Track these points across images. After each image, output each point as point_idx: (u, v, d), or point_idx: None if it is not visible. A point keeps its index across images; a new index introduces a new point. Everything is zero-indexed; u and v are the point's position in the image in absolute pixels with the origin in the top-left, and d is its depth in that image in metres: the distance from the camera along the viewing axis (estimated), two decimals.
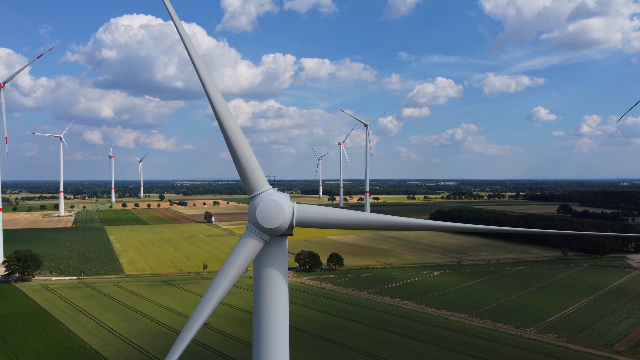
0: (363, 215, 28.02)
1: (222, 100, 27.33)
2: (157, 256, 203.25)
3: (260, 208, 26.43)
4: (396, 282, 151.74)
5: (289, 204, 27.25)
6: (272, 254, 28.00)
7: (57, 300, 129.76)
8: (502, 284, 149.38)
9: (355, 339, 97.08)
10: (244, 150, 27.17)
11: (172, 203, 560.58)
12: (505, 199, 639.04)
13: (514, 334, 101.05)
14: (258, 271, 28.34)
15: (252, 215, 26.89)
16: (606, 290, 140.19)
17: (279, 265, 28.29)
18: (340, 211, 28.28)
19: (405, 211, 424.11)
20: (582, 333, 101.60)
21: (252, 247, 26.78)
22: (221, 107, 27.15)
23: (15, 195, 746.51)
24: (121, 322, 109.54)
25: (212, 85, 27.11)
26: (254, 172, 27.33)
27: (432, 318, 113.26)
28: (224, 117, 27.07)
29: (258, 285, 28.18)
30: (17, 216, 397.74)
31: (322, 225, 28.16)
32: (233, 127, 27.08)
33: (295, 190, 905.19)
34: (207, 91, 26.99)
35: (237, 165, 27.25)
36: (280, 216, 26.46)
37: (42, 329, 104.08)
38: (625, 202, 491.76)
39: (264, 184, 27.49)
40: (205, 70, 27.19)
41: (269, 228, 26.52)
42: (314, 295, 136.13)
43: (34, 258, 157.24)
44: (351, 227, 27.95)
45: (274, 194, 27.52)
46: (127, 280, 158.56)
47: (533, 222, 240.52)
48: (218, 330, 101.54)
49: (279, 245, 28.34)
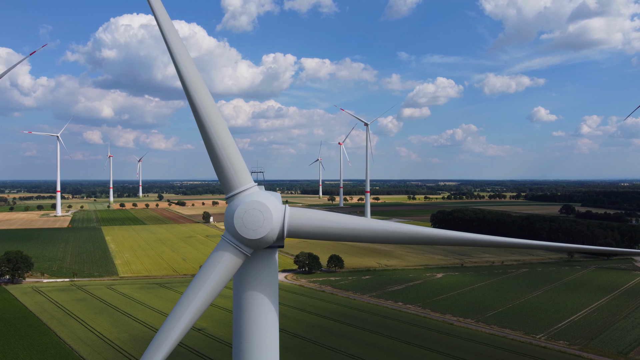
0: (379, 225, 21.58)
1: (192, 64, 20.99)
2: (153, 257, 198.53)
3: (239, 212, 20.31)
4: (398, 285, 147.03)
5: (278, 207, 20.96)
6: (256, 273, 21.55)
7: (47, 303, 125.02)
8: (508, 286, 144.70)
9: (356, 346, 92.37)
10: (220, 134, 20.69)
11: (171, 203, 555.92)
12: (506, 199, 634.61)
13: (523, 341, 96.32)
14: (238, 295, 21.93)
15: (228, 221, 20.67)
16: (615, 294, 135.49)
17: (266, 287, 21.78)
18: (347, 219, 21.67)
19: (406, 211, 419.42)
20: (595, 340, 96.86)
21: (227, 264, 20.39)
22: (190, 72, 20.80)
23: (14, 195, 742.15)
24: (112, 327, 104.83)
25: (176, 38, 20.85)
26: (233, 163, 21.04)
27: (437, 323, 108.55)
28: (194, 87, 20.68)
29: (238, 314, 21.91)
30: (14, 216, 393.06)
31: (323, 236, 21.48)
32: (206, 103, 20.77)
33: (295, 190, 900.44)
34: (166, 40, 20.63)
35: (210, 153, 21.03)
36: (266, 223, 20.20)
37: (29, 335, 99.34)
38: (628, 202, 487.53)
39: (245, 179, 21.28)
40: (169, 22, 21.04)
41: (251, 239, 20.22)
42: (313, 298, 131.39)
43: (25, 259, 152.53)
44: (363, 239, 21.46)
45: (259, 193, 21.22)
46: (121, 282, 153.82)
47: (537, 222, 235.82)
48: (212, 336, 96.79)
49: (265, 260, 21.99)
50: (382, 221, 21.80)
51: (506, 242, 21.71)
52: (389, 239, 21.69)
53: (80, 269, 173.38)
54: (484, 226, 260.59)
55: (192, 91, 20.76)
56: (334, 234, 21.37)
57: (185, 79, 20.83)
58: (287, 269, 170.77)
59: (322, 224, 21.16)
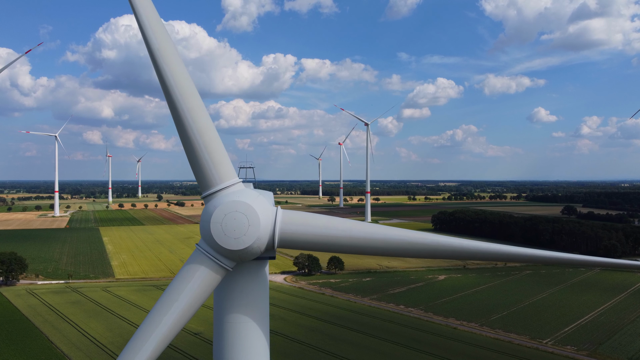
0: (395, 234, 16.80)
1: (166, 33, 16.58)
2: (151, 259, 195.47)
3: (217, 215, 15.98)
4: (400, 287, 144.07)
5: (267, 210, 16.56)
6: (240, 291, 17.23)
7: (41, 306, 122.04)
8: (512, 289, 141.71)
9: (357, 352, 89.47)
10: (197, 117, 16.34)
11: (170, 203, 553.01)
12: (507, 200, 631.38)
13: (529, 346, 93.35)
14: (219, 319, 17.80)
15: (204, 226, 16.40)
16: (621, 297, 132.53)
17: (253, 309, 17.33)
18: (355, 226, 16.80)
19: (407, 212, 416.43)
20: (603, 345, 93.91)
21: (201, 281, 16.28)
22: (162, 41, 16.17)
23: (13, 195, 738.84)
24: (106, 331, 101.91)
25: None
26: (211, 155, 16.50)
27: (440, 327, 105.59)
28: (165, 60, 16.08)
29: (220, 342, 17.69)
30: (11, 216, 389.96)
31: (324, 247, 16.83)
32: (176, 69, 16.22)
33: (295, 190, 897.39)
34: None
35: (182, 139, 16.53)
36: (252, 230, 15.94)
37: (20, 339, 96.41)
38: (629, 203, 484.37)
39: (227, 174, 16.81)
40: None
41: (232, 250, 16.03)
42: (314, 301, 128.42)
43: (20, 261, 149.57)
44: (376, 251, 16.85)
45: (244, 191, 16.78)
46: (117, 284, 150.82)
47: (540, 224, 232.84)
48: (209, 341, 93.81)
49: (251, 275, 17.56)
50: (398, 230, 17.05)
51: (555, 257, 18.15)
52: (410, 252, 16.87)
53: (76, 270, 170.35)
54: (486, 227, 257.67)
55: (163, 63, 16.11)
56: (338, 245, 16.78)
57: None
58: (287, 270, 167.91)
59: (323, 232, 16.55)
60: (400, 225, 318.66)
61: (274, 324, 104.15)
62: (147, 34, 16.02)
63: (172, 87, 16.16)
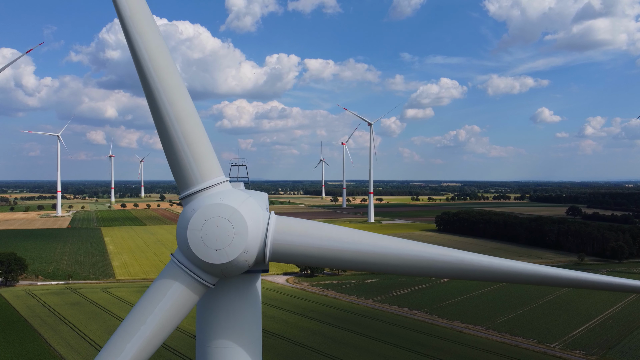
0: (415, 250, 13.94)
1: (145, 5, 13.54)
2: (152, 259, 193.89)
3: (196, 221, 13.26)
4: (403, 289, 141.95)
5: (257, 215, 13.67)
6: (226, 311, 14.40)
7: (40, 308, 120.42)
8: (518, 290, 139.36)
9: (360, 355, 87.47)
10: (174, 100, 13.37)
11: (172, 203, 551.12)
12: (511, 200, 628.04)
13: (537, 351, 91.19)
14: (202, 342, 14.77)
15: (181, 234, 13.63)
16: (630, 299, 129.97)
17: (241, 332, 14.48)
18: (365, 238, 13.83)
19: (410, 212, 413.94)
20: (613, 349, 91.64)
21: (176, 299, 13.53)
22: (138, 12, 13.30)
23: (16, 194, 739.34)
24: (105, 334, 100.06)
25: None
26: (191, 147, 13.60)
27: (445, 331, 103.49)
28: (144, 37, 13.17)
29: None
30: (13, 216, 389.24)
31: (326, 262, 13.78)
32: (158, 58, 13.28)
33: (298, 191, 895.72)
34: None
35: (159, 130, 13.64)
36: (237, 240, 13.12)
37: (17, 342, 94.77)
38: (634, 204, 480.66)
39: (210, 171, 13.92)
40: None
41: (213, 264, 13.28)
42: (316, 303, 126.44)
43: (19, 261, 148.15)
44: (391, 269, 13.80)
45: (229, 192, 13.87)
46: (118, 285, 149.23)
47: (545, 224, 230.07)
48: None
49: (238, 292, 14.70)
50: (415, 244, 14.18)
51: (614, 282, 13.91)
52: (429, 272, 14.09)
53: (76, 271, 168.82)
54: (490, 228, 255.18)
55: (139, 40, 13.15)
56: (343, 261, 13.79)
57: (124, 17, 13.16)
58: (288, 271, 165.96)
59: (325, 245, 13.51)
60: (403, 225, 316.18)
61: (276, 327, 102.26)
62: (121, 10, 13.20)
63: (141, 52, 13.18)
